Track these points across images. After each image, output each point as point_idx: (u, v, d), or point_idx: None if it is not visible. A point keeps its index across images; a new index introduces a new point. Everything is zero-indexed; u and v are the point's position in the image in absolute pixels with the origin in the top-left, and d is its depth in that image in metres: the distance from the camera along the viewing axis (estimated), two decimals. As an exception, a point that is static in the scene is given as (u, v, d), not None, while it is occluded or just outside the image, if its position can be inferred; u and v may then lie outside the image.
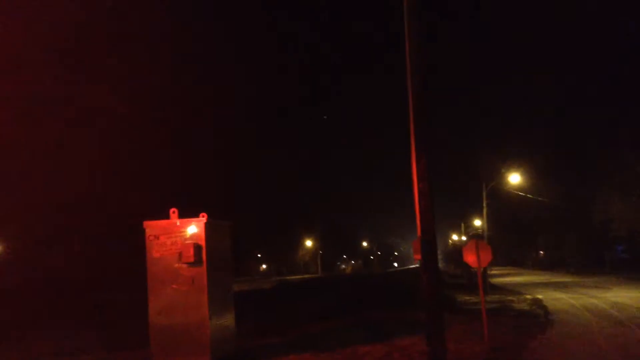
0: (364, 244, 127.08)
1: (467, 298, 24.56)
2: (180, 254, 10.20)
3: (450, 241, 58.14)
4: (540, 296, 25.66)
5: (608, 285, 31.06)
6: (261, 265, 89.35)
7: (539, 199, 35.33)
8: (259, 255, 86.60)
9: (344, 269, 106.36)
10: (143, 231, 10.46)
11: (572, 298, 24.05)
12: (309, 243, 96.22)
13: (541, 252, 72.72)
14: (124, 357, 11.74)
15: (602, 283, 33.67)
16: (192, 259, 10.15)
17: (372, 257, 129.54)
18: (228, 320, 11.12)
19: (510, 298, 25.02)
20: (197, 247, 10.22)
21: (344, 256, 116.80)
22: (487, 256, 12.47)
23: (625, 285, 31.15)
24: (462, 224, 47.50)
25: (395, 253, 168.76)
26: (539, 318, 17.54)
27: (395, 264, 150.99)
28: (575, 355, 11.21)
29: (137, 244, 10.97)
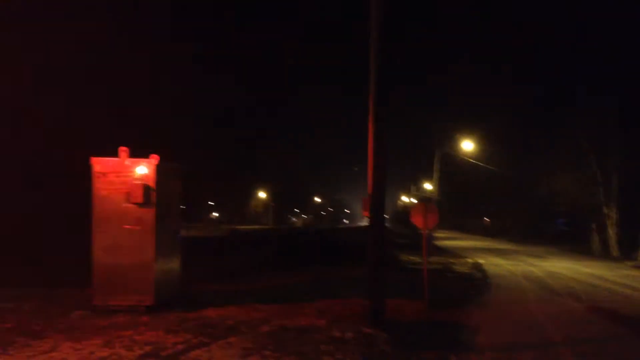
0: (316, 199, 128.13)
1: (412, 258, 25.21)
2: (128, 194, 10.03)
3: (399, 202, 59.19)
4: (481, 261, 26.58)
5: (546, 255, 32.41)
6: (212, 213, 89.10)
7: (489, 167, 36.18)
8: (211, 203, 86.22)
9: (295, 223, 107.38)
10: (90, 168, 10.22)
11: (510, 265, 25.02)
12: (261, 194, 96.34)
13: (486, 219, 74.99)
14: (65, 294, 11.63)
15: (541, 253, 35.09)
16: (140, 200, 10.00)
17: (323, 213, 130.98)
18: (174, 263, 11.09)
19: (452, 260, 25.81)
20: (146, 189, 10.07)
21: (296, 210, 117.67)
22: (433, 219, 12.75)
23: (563, 256, 32.57)
24: (412, 186, 48.34)
25: (347, 210, 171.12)
26: (478, 281, 18.20)
27: (346, 221, 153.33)
28: (508, 319, 11.74)
29: (82, 182, 10.72)
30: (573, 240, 42.87)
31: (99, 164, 10.19)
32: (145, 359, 7.12)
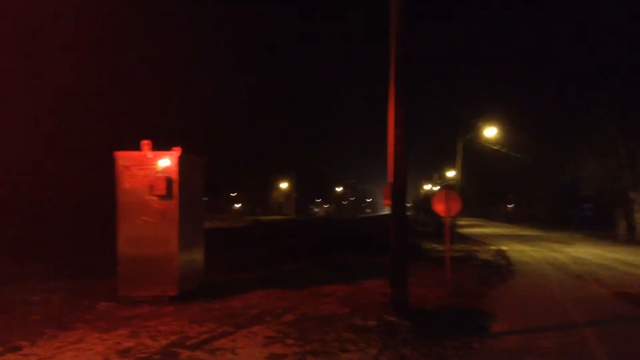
0: (338, 189, 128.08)
1: (434, 246, 25.11)
2: (151, 187, 10.17)
3: (422, 190, 58.84)
4: (504, 248, 26.37)
5: (571, 241, 32.03)
6: (235, 204, 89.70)
7: (513, 154, 35.70)
8: (234, 195, 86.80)
9: (317, 213, 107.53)
10: (114, 162, 10.38)
11: (534, 251, 24.78)
12: (283, 185, 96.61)
13: (510, 205, 74.25)
14: (92, 284, 11.86)
15: (566, 239, 34.69)
16: (163, 192, 10.14)
17: (344, 203, 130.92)
18: (197, 254, 11.24)
19: (475, 248, 25.65)
20: (169, 181, 10.20)
21: (318, 200, 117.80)
22: (456, 206, 12.67)
23: (588, 242, 32.15)
24: (435, 174, 48.01)
25: (368, 200, 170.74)
26: (501, 268, 18.06)
27: (369, 210, 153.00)
28: (531, 304, 11.64)
29: (109, 177, 10.90)
30: (598, 226, 42.25)
31: (123, 157, 10.34)
32: (170, 349, 7.23)
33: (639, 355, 7.49)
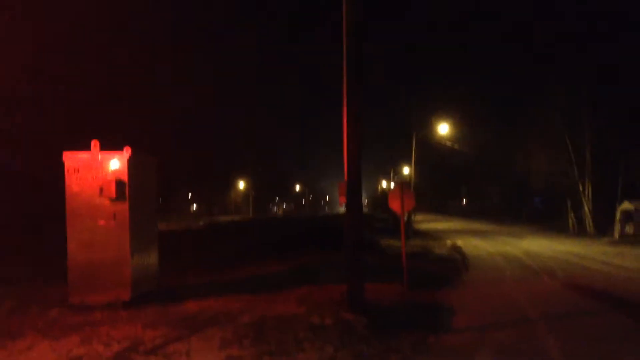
0: (297, 187, 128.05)
1: (391, 242, 25.32)
2: (101, 189, 9.89)
3: (379, 187, 59.45)
4: (459, 242, 26.87)
5: (523, 235, 32.90)
6: (192, 205, 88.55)
7: (465, 150, 36.50)
8: (190, 195, 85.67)
9: (276, 212, 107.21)
10: (62, 164, 10.06)
11: (489, 245, 25.35)
12: (241, 185, 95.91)
13: (464, 200, 75.76)
14: (43, 290, 11.47)
15: (518, 232, 35.61)
16: (113, 195, 9.87)
17: (304, 201, 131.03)
18: (150, 258, 11.00)
19: (431, 243, 26.03)
20: (120, 183, 9.94)
21: (276, 199, 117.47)
22: (410, 202, 12.82)
23: (538, 234, 33.11)
24: (392, 171, 48.59)
25: (327, 198, 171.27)
26: (457, 263, 18.40)
27: (327, 209, 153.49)
28: (486, 298, 11.89)
29: (57, 178, 10.57)
30: (550, 218, 43.56)
31: (71, 159, 10.02)
32: (123, 355, 7.06)
33: (589, 349, 7.71)
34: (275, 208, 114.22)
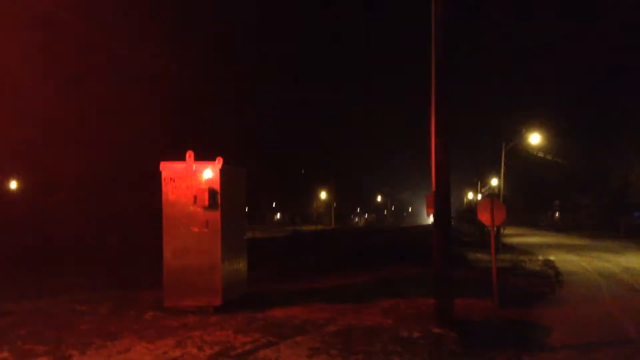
0: (379, 198, 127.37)
1: (479, 256, 24.62)
2: (195, 198, 10.30)
3: (465, 199, 58.02)
4: (552, 257, 25.65)
5: (621, 250, 30.94)
6: (275, 214, 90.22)
7: (559, 160, 34.88)
8: (274, 205, 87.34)
9: (357, 222, 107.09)
10: (159, 174, 10.56)
11: (583, 261, 24.03)
12: (323, 195, 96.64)
13: (557, 214, 72.43)
14: (138, 295, 12.06)
15: (615, 247, 33.53)
16: (206, 203, 10.26)
17: (385, 212, 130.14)
18: (240, 264, 11.31)
19: (522, 258, 25.02)
20: (212, 192, 10.31)
21: (358, 209, 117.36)
22: (500, 215, 12.39)
23: (638, 250, 31.01)
24: (479, 182, 47.25)
25: (410, 209, 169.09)
26: (550, 279, 17.56)
27: (410, 220, 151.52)
28: (582, 316, 11.26)
29: (155, 188, 11.12)
30: (651, 234, 40.77)
31: (167, 169, 10.51)
32: (216, 358, 7.27)
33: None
34: (356, 218, 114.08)
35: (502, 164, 31.20)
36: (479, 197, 44.66)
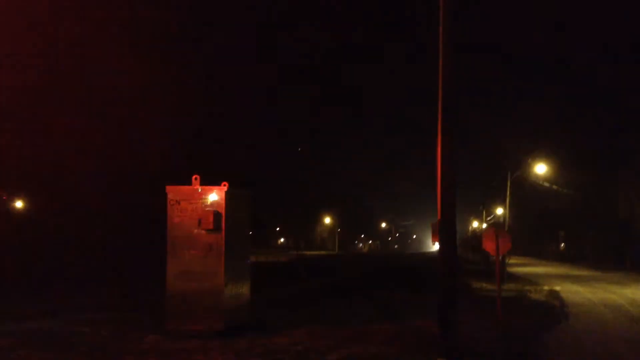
0: (383, 224, 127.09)
1: (484, 285, 24.43)
2: (199, 221, 10.30)
3: (470, 228, 57.77)
4: (557, 288, 25.41)
5: (627, 282, 30.63)
6: (279, 238, 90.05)
7: (564, 191, 34.77)
8: (277, 229, 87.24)
9: (361, 248, 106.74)
10: (165, 196, 10.60)
11: (589, 292, 23.79)
12: (327, 220, 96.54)
13: (562, 244, 71.94)
14: (139, 317, 11.99)
15: (621, 279, 33.21)
16: (211, 226, 10.25)
17: (390, 239, 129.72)
18: (243, 288, 11.24)
19: (527, 288, 24.80)
20: (217, 215, 10.31)
21: (362, 235, 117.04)
22: (506, 244, 12.37)
23: (645, 283, 30.66)
24: (484, 211, 47.08)
25: (414, 236, 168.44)
26: (555, 310, 17.37)
27: (413, 247, 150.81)
28: (587, 350, 11.11)
29: (158, 210, 11.16)
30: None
31: (173, 191, 10.55)
32: (216, 384, 7.18)
33: None
34: (360, 244, 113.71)
35: (508, 193, 31.14)
36: (484, 226, 44.49)
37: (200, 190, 10.46)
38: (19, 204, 37.74)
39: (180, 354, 8.74)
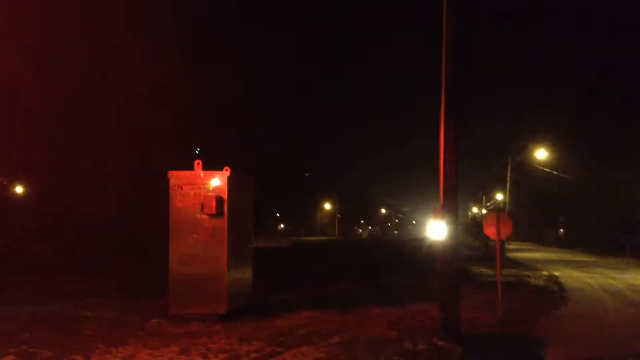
0: (383, 210, 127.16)
1: (483, 270, 24.54)
2: (202, 205, 10.33)
3: (470, 213, 57.84)
4: (556, 273, 25.53)
5: (626, 268, 30.77)
6: (279, 224, 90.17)
7: (565, 176, 34.79)
8: (278, 215, 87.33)
9: (361, 234, 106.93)
10: (167, 181, 10.61)
11: (588, 277, 23.91)
12: (327, 206, 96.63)
13: (561, 230, 72.12)
14: (143, 302, 12.06)
15: (621, 265, 33.36)
16: (213, 211, 10.29)
17: (389, 224, 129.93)
18: (245, 273, 11.33)
19: (526, 273, 24.93)
20: (219, 200, 10.34)
21: (362, 221, 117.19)
22: (507, 229, 12.38)
23: (644, 268, 30.80)
24: (483, 197, 47.14)
25: (414, 222, 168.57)
26: (554, 294, 17.48)
27: (414, 232, 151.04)
28: (585, 332, 11.20)
29: (161, 195, 11.18)
30: (657, 251, 40.55)
31: (175, 176, 10.57)
32: (220, 367, 7.26)
33: None
34: (360, 230, 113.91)
35: (508, 179, 31.18)
36: (484, 211, 44.55)
37: (202, 176, 10.48)
38: (19, 189, 37.77)
39: (184, 338, 8.81)
